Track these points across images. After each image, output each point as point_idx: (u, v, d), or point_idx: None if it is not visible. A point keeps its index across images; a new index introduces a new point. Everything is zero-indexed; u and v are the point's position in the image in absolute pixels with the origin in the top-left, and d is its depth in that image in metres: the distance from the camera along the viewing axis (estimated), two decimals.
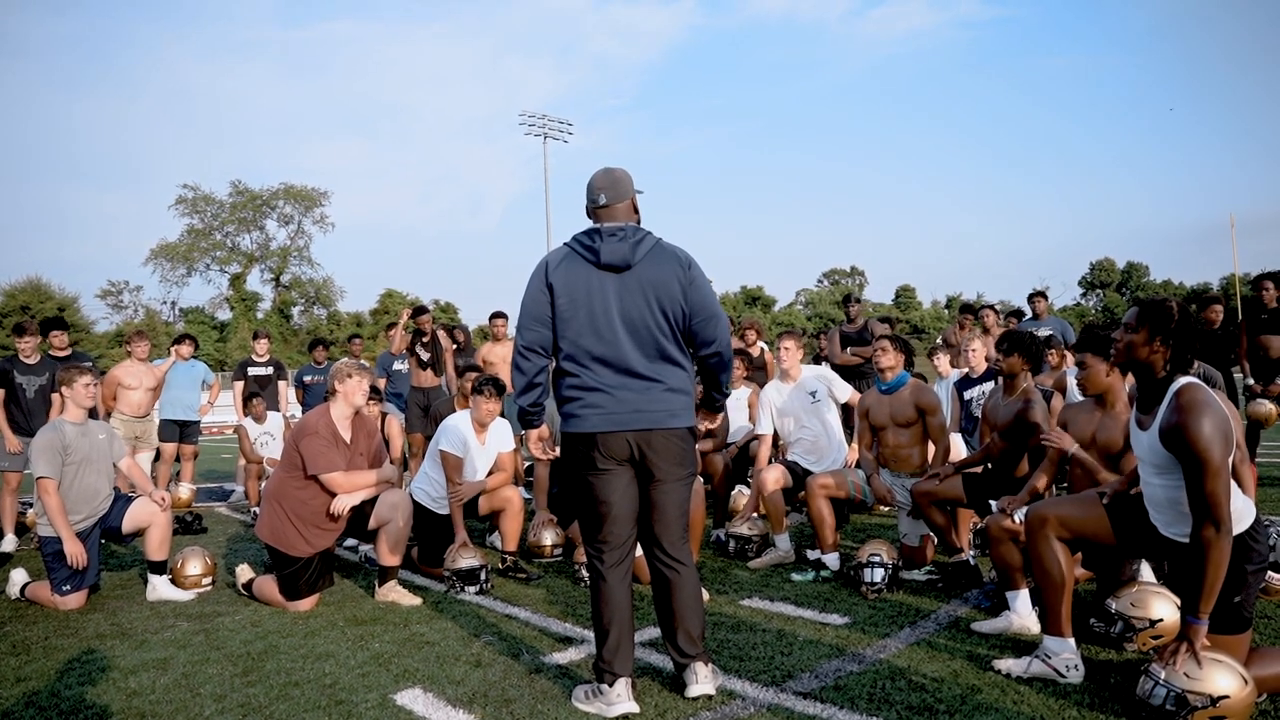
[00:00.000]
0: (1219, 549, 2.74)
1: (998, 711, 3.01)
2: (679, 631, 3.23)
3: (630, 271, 3.20)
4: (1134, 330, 3.00)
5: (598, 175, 3.35)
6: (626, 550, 3.31)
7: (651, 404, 3.19)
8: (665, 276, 3.20)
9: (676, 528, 3.30)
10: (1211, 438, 2.75)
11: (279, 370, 10.16)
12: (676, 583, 3.27)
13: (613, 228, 3.24)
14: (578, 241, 3.28)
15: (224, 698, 3.42)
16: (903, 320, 59.78)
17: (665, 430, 3.21)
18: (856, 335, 9.23)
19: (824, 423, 5.66)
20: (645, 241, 3.24)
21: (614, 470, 3.23)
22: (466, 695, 3.35)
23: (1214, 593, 2.76)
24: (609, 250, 3.18)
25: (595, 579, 3.29)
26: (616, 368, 3.18)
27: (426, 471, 5.66)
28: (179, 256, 56.77)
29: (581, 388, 3.21)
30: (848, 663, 3.58)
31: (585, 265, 3.22)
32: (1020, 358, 4.70)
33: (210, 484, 11.07)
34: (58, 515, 4.87)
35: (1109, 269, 66.42)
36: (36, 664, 3.94)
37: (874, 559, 4.65)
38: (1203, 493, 2.75)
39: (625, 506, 3.26)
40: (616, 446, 3.19)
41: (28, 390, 7.01)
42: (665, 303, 3.19)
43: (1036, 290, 9.97)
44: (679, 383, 3.26)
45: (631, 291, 3.19)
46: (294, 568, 4.69)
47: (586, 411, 3.20)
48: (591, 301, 3.19)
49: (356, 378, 4.89)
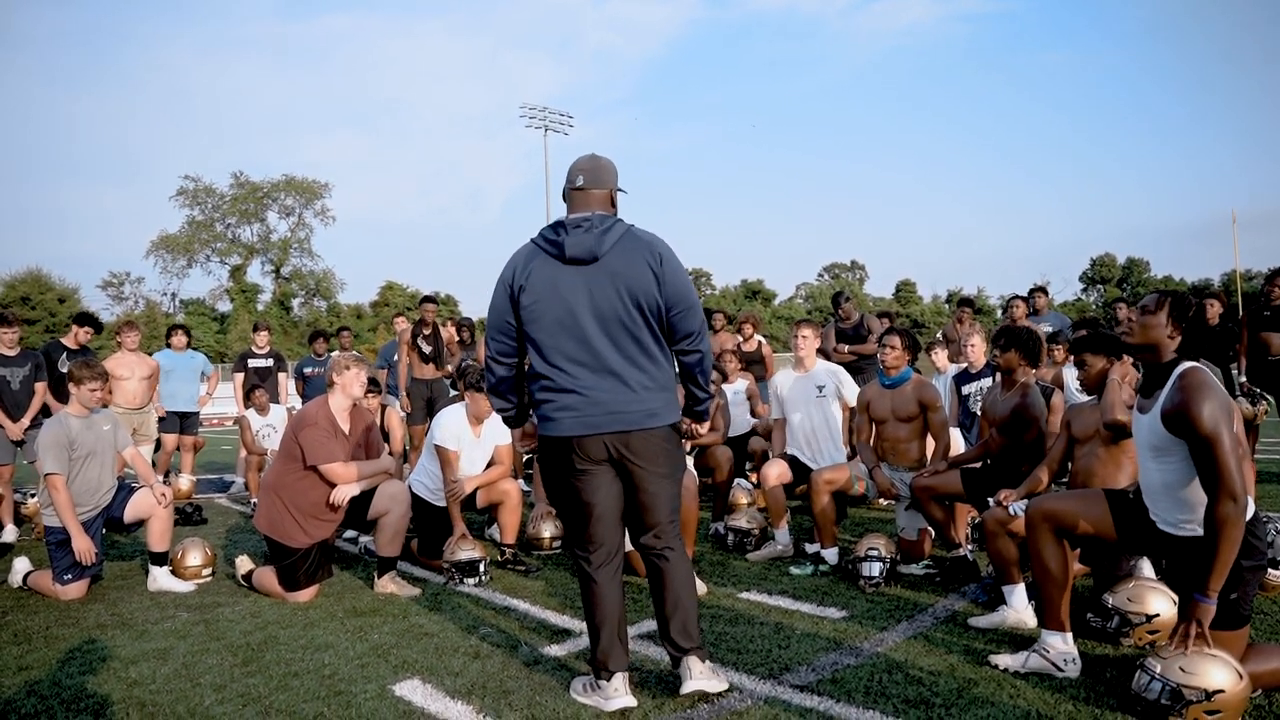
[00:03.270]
0: (1235, 525, 2.75)
1: (994, 705, 3.02)
2: (672, 623, 3.14)
3: (598, 264, 3.02)
4: (1152, 312, 3.05)
5: (582, 158, 3.24)
6: (615, 550, 3.21)
7: (629, 404, 3.05)
8: (637, 267, 3.03)
9: (665, 518, 3.18)
10: (1216, 415, 2.77)
11: (279, 362, 10.15)
12: (668, 571, 3.16)
13: (578, 218, 3.09)
14: (542, 237, 3.13)
15: (224, 688, 3.43)
16: (903, 315, 59.74)
17: (644, 431, 3.06)
18: (852, 331, 9.25)
19: (826, 417, 5.66)
20: (613, 230, 3.06)
21: (594, 470, 3.10)
22: (465, 686, 3.36)
23: (1225, 571, 2.77)
24: (574, 243, 3.02)
25: (585, 580, 3.21)
26: (590, 367, 3.04)
27: (425, 464, 5.67)
28: (179, 248, 56.75)
29: (554, 389, 3.08)
30: (845, 656, 3.59)
31: (550, 261, 3.07)
32: (1018, 353, 4.71)
33: (210, 475, 11.09)
34: (67, 511, 4.88)
35: (1110, 265, 66.34)
36: (38, 653, 3.95)
37: (872, 553, 4.67)
38: (1216, 467, 2.76)
39: (609, 505, 3.15)
40: (594, 449, 3.06)
41: (12, 382, 7.01)
42: (639, 295, 3.02)
43: (1037, 285, 9.98)
44: (657, 380, 3.11)
45: (602, 285, 3.02)
46: (293, 559, 4.71)
47: (561, 415, 3.07)
48: (559, 299, 3.04)
49: (354, 369, 4.91)
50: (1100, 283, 66.27)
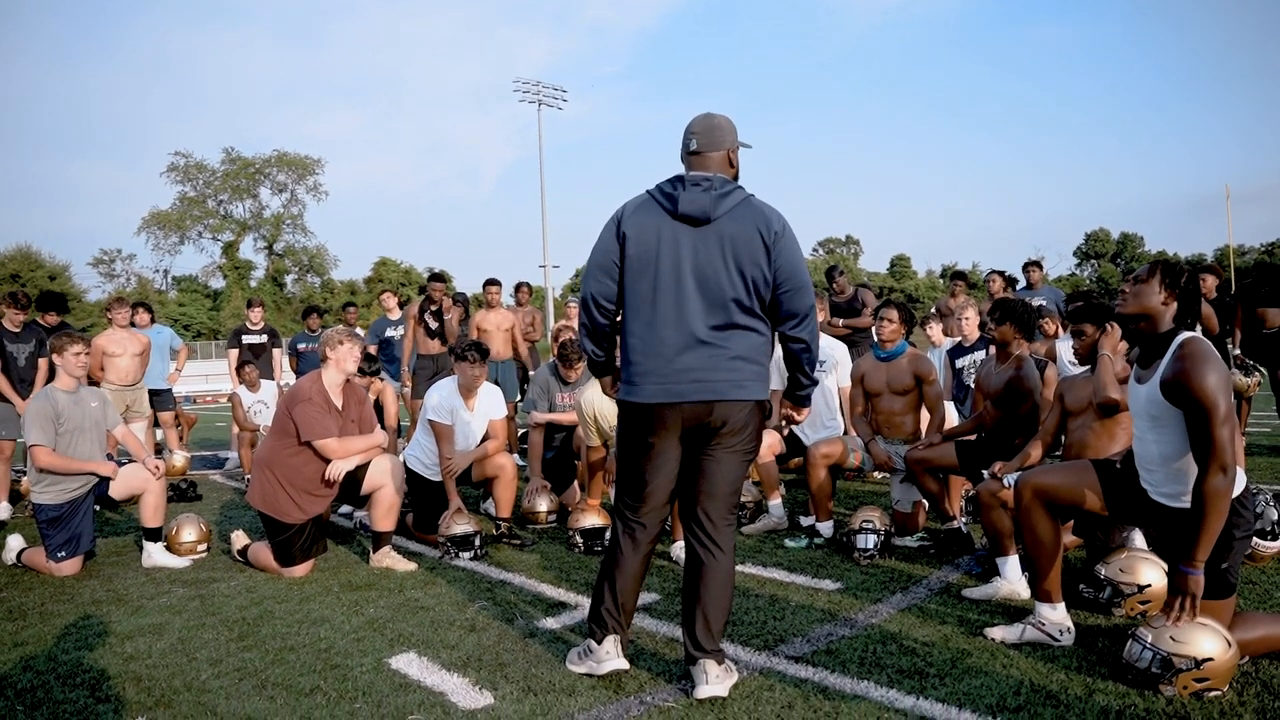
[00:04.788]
0: (1224, 497, 2.76)
1: (988, 675, 3.04)
2: (699, 620, 2.99)
3: (710, 225, 2.90)
4: (1144, 280, 3.04)
5: (696, 119, 3.06)
6: (655, 528, 3.13)
7: (716, 372, 2.92)
8: (749, 235, 2.89)
9: (724, 506, 3.04)
10: (1216, 386, 2.77)
11: (274, 338, 10.12)
12: (710, 567, 3.01)
13: (697, 176, 2.94)
14: (658, 189, 3.00)
15: (220, 662, 3.44)
16: (898, 289, 59.79)
17: (728, 402, 2.93)
18: (846, 305, 9.38)
19: (823, 390, 5.67)
20: (733, 195, 2.94)
21: (665, 450, 3.01)
22: (460, 659, 3.37)
23: (1212, 542, 2.79)
24: (688, 200, 2.90)
25: (615, 543, 3.14)
26: (682, 329, 2.91)
27: (419, 439, 5.67)
28: (171, 225, 56.48)
29: (641, 352, 2.96)
30: (839, 627, 3.61)
31: (661, 214, 2.95)
32: (1012, 326, 4.71)
33: (205, 452, 11.08)
34: (70, 465, 4.94)
35: (1104, 239, 66.41)
36: (33, 629, 3.96)
37: (866, 525, 4.68)
38: (1210, 438, 2.77)
39: (667, 485, 3.07)
40: (673, 419, 2.94)
41: (19, 358, 7.08)
42: (745, 263, 2.89)
43: (1031, 260, 9.97)
44: (750, 350, 2.97)
45: (709, 247, 2.90)
46: (287, 534, 4.71)
47: (644, 380, 2.96)
48: (661, 254, 2.92)
49: (348, 344, 4.90)
50: (1094, 257, 66.36)
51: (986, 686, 2.94)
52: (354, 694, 3.08)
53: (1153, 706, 2.73)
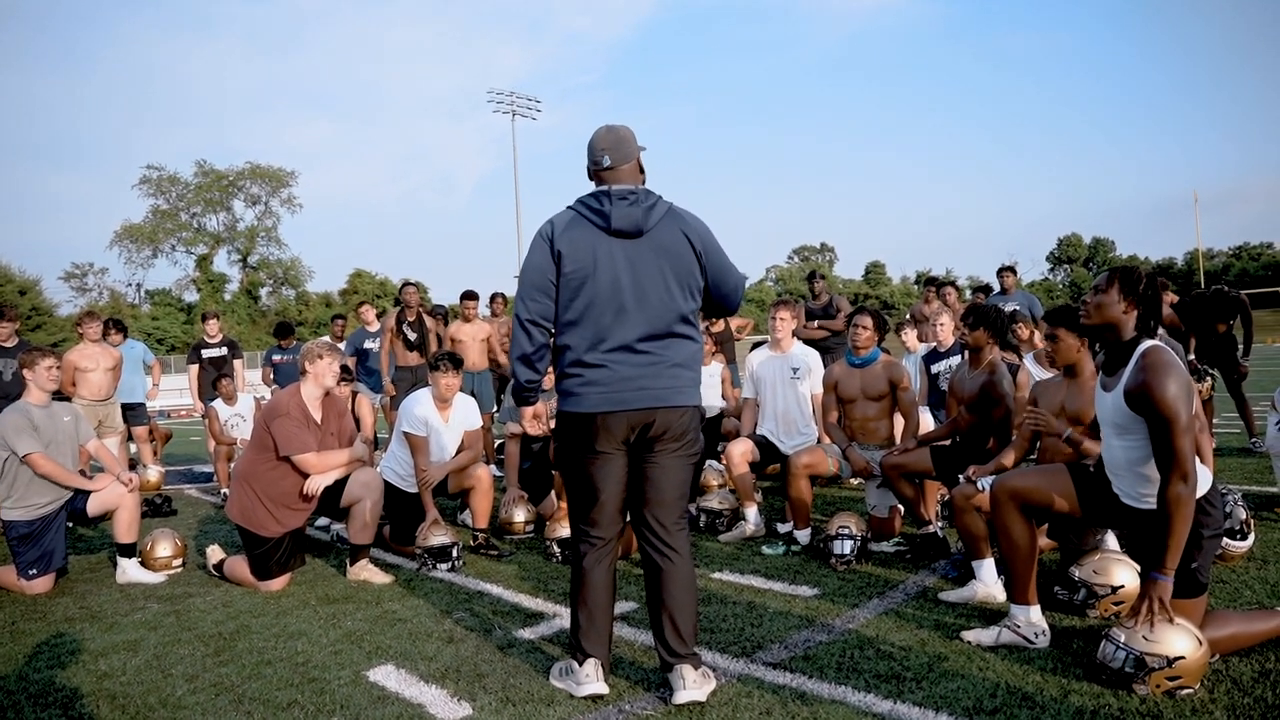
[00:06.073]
0: (1186, 504, 2.80)
1: (964, 678, 3.07)
2: (668, 627, 3.02)
3: (643, 238, 2.99)
4: (1103, 290, 3.08)
5: (600, 134, 3.12)
6: (613, 536, 3.16)
7: (657, 380, 3.00)
8: (679, 245, 3.02)
9: (674, 510, 3.09)
10: (1178, 395, 2.81)
11: (233, 349, 9.85)
12: (669, 573, 3.05)
13: (622, 190, 3.01)
14: (584, 204, 3.05)
15: (196, 678, 3.41)
16: (873, 296, 60.12)
17: (669, 408, 3.01)
18: (821, 311, 9.61)
19: (798, 397, 5.70)
20: (658, 207, 3.04)
21: (612, 456, 3.06)
22: (439, 671, 3.36)
23: (1180, 549, 2.82)
24: (620, 215, 2.97)
25: (577, 562, 3.15)
26: (622, 341, 2.98)
27: (395, 451, 5.65)
28: (144, 238, 55.97)
29: (582, 364, 3.01)
30: (817, 633, 3.63)
31: (593, 230, 3.00)
32: (985, 331, 4.76)
33: (179, 466, 10.96)
34: (66, 478, 4.94)
35: (1076, 244, 67.17)
36: (4, 648, 3.90)
37: (843, 531, 4.71)
38: (1171, 449, 2.81)
39: (617, 493, 3.11)
40: (617, 427, 3.00)
41: (4, 374, 7.02)
42: (679, 273, 3.01)
43: (1005, 265, 10.08)
44: (687, 359, 3.08)
45: (644, 260, 2.99)
46: (265, 548, 4.68)
47: (586, 390, 3.00)
48: (599, 268, 2.97)
49: (327, 358, 4.87)
50: (1067, 262, 67.07)
51: (963, 689, 2.97)
52: (332, 707, 3.07)
53: (1126, 706, 2.76)
